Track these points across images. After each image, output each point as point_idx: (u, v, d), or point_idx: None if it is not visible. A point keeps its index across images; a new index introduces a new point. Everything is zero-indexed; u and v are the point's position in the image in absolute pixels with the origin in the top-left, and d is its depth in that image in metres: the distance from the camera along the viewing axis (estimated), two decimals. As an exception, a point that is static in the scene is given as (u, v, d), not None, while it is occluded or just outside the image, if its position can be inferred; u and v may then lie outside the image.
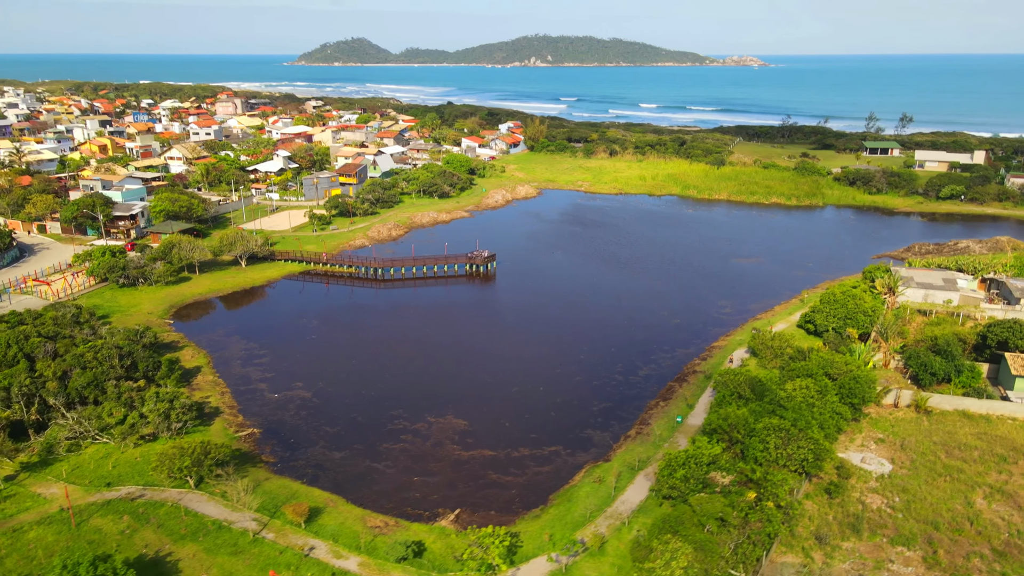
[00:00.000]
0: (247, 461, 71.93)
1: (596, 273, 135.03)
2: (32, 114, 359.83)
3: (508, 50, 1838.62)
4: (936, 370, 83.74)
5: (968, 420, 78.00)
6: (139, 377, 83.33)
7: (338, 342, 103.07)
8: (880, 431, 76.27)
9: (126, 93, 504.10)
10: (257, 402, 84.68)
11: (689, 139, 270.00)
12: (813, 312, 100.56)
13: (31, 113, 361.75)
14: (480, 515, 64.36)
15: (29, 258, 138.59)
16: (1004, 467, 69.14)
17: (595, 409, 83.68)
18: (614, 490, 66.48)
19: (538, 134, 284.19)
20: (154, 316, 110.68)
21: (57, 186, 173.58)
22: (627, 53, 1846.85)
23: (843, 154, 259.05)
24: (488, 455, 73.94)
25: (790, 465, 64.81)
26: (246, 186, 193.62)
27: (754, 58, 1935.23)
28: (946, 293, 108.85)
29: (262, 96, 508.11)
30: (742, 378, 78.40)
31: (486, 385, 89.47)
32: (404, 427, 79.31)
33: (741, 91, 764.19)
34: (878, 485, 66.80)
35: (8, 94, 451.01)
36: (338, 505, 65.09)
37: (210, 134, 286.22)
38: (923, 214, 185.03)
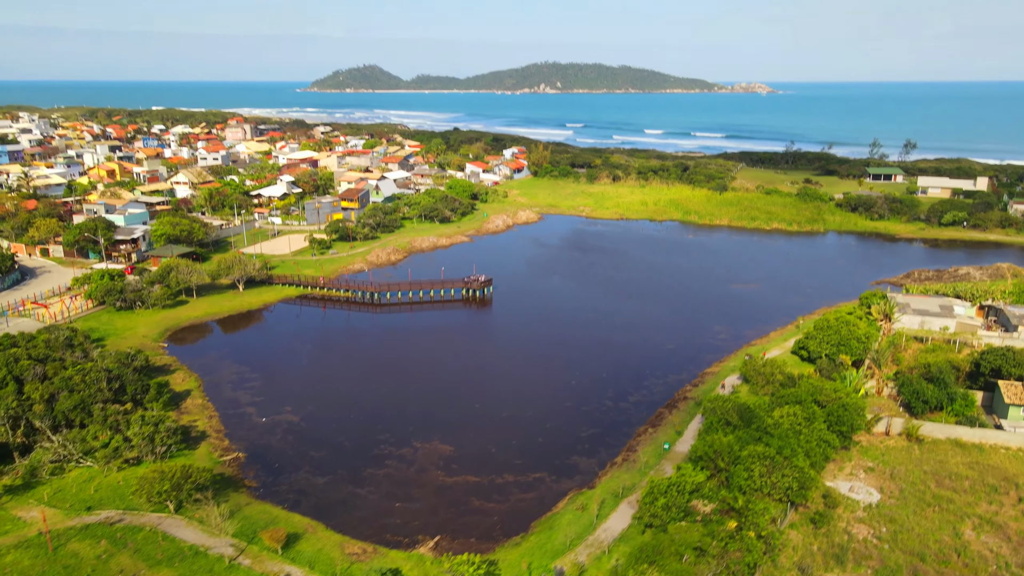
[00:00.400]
0: (230, 486, 71.64)
1: (593, 298, 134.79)
2: (45, 139, 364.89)
3: (518, 77, 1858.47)
4: (928, 398, 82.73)
5: (960, 449, 76.89)
6: (127, 400, 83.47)
7: (330, 366, 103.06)
8: (870, 459, 75.26)
9: (138, 119, 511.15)
10: (244, 426, 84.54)
11: (692, 165, 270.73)
12: (807, 338, 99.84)
13: (43, 138, 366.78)
14: (460, 542, 63.72)
15: (30, 281, 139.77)
16: (995, 497, 67.97)
17: (583, 435, 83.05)
18: (596, 518, 65.70)
19: (542, 160, 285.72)
20: (149, 339, 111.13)
21: (62, 210, 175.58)
22: (636, 80, 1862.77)
23: (846, 180, 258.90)
24: (472, 481, 73.38)
25: (774, 494, 63.93)
26: (249, 210, 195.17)
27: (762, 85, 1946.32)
28: (942, 320, 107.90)
29: (272, 122, 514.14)
30: (730, 405, 77.71)
31: (475, 410, 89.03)
32: (389, 452, 78.93)
33: (748, 117, 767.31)
34: (865, 515, 65.75)
35: (23, 119, 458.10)
36: (317, 531, 64.62)
37: (217, 159, 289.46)
38: (925, 240, 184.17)
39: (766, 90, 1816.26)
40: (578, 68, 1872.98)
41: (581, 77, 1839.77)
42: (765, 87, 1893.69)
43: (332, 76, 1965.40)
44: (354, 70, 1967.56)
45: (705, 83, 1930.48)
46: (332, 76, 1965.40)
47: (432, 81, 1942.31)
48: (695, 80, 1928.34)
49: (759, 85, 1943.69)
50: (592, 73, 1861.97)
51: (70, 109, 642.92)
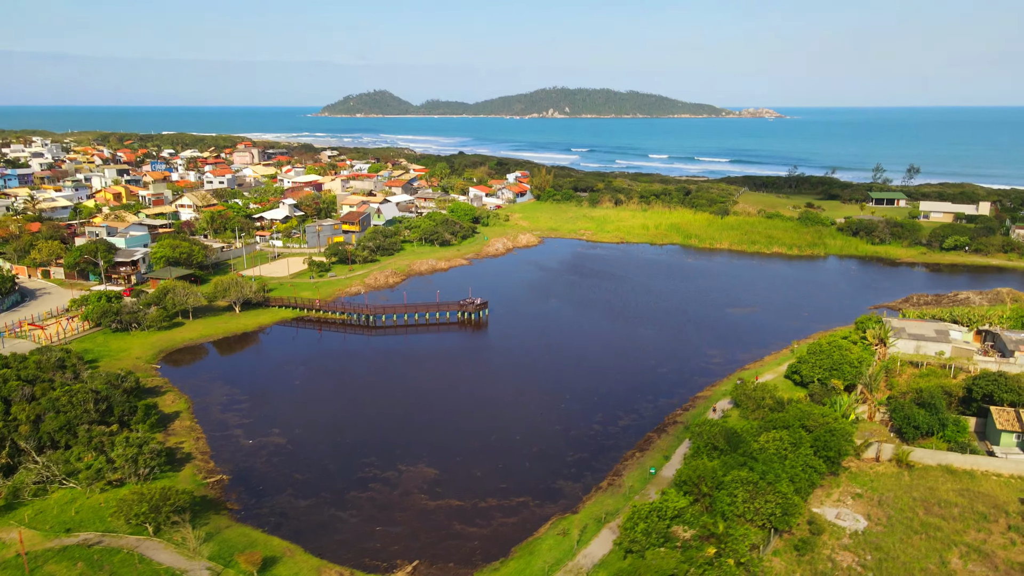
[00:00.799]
0: (211, 508, 71.35)
1: (588, 322, 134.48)
2: (55, 163, 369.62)
3: (526, 102, 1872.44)
4: (919, 423, 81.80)
5: (951, 476, 75.80)
6: (114, 422, 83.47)
7: (321, 389, 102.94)
8: (858, 486, 74.27)
9: (149, 143, 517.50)
10: (230, 448, 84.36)
11: (694, 189, 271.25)
12: (800, 363, 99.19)
13: (54, 162, 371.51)
14: (438, 567, 63.09)
15: (30, 302, 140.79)
16: (984, 525, 66.84)
17: (569, 459, 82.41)
18: (577, 543, 64.96)
19: (544, 183, 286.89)
20: (142, 361, 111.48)
21: (65, 232, 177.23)
22: (643, 105, 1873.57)
23: (848, 204, 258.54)
24: (455, 505, 72.80)
25: (757, 520, 63.10)
26: (250, 233, 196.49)
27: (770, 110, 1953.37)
28: (938, 345, 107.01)
29: (280, 146, 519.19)
30: (717, 429, 77.00)
31: (463, 433, 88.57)
32: (374, 475, 78.51)
33: (754, 142, 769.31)
34: (851, 542, 64.75)
35: (35, 144, 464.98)
36: (295, 555, 64.14)
37: (223, 183, 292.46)
38: (926, 265, 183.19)
39: (773, 115, 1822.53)
40: (586, 93, 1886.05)
41: (589, 102, 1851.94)
42: (773, 112, 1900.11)
43: (343, 101, 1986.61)
44: (365, 95, 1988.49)
45: (713, 108, 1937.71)
46: (343, 101, 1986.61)
47: (441, 106, 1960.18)
48: (703, 105, 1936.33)
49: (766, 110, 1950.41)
50: (600, 98, 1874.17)
51: (83, 134, 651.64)
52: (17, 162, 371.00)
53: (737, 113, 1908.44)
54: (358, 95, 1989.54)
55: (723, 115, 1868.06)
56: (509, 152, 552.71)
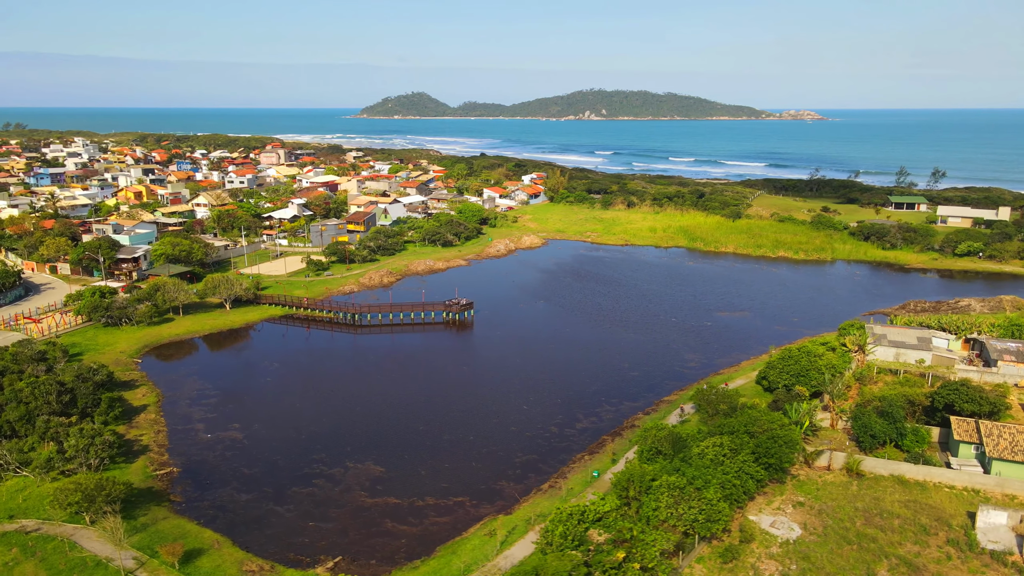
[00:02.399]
0: (154, 499, 72.92)
1: (572, 325, 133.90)
2: (89, 163, 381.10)
3: (563, 104, 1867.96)
4: (876, 432, 79.69)
5: (902, 486, 73.75)
6: (75, 413, 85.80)
7: (290, 385, 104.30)
8: (803, 494, 72.72)
9: (184, 144, 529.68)
10: (188, 442, 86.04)
11: (708, 191, 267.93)
12: (768, 368, 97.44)
13: (88, 162, 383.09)
14: (359, 564, 63.53)
15: (33, 296, 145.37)
16: (922, 538, 64.92)
17: (517, 461, 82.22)
18: (502, 544, 64.83)
19: (558, 185, 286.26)
20: (125, 355, 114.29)
21: (79, 230, 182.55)
22: (681, 107, 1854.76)
23: (866, 208, 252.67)
24: (392, 503, 73.22)
25: (679, 525, 62.24)
26: (257, 232, 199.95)
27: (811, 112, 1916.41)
28: (918, 352, 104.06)
29: (310, 147, 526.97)
30: (663, 433, 76.16)
31: (418, 433, 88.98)
32: (320, 471, 79.35)
33: (788, 145, 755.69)
34: (780, 551, 63.47)
35: (75, 144, 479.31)
36: (223, 548, 65.14)
37: (243, 182, 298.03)
38: (936, 271, 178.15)
39: (815, 117, 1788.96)
40: (623, 95, 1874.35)
41: (626, 104, 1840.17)
42: (814, 114, 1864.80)
43: (381, 103, 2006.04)
44: (403, 97, 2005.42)
45: (752, 110, 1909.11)
46: (381, 103, 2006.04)
47: (478, 108, 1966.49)
48: (742, 107, 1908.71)
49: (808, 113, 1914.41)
50: (637, 100, 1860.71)
51: (124, 134, 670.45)
52: (55, 161, 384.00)
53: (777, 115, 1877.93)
54: (396, 97, 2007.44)
55: (763, 117, 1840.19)
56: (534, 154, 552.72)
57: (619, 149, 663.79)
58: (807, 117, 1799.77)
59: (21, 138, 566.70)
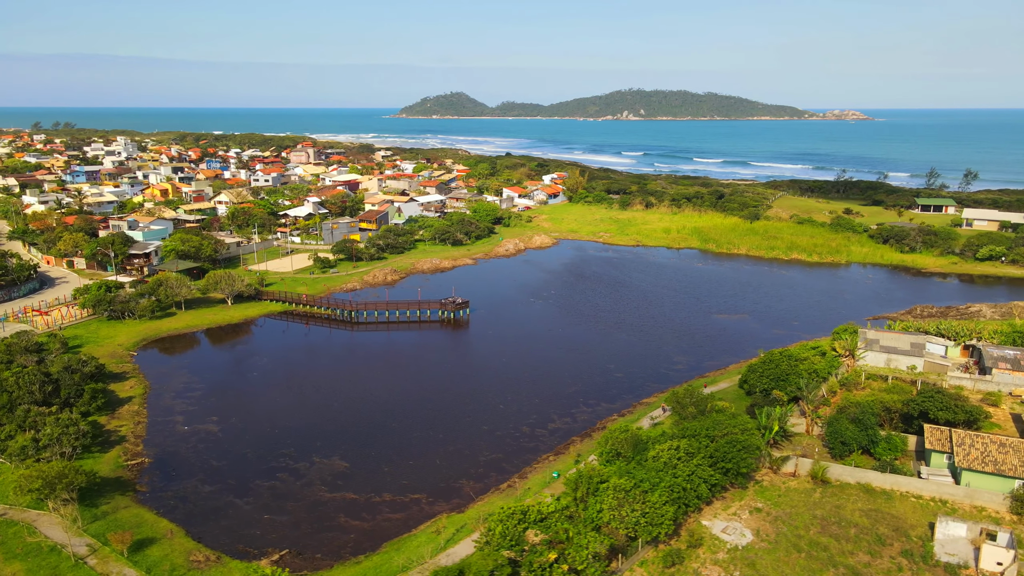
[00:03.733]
0: (119, 488, 74.75)
1: (568, 324, 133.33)
2: (126, 161, 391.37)
3: (601, 104, 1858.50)
4: (847, 439, 77.81)
5: (867, 494, 71.92)
6: (58, 403, 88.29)
7: (275, 380, 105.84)
8: (763, 500, 71.38)
9: (219, 143, 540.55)
10: (165, 433, 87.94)
11: (729, 192, 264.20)
12: (749, 372, 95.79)
13: (125, 160, 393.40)
14: (304, 558, 64.29)
15: (47, 290, 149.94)
16: (876, 548, 63.20)
17: (482, 460, 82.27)
18: (445, 543, 65.02)
19: (577, 185, 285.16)
20: (122, 348, 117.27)
21: (99, 226, 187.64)
22: (721, 107, 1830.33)
23: (891, 210, 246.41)
24: (349, 498, 73.90)
25: (621, 528, 61.62)
26: (271, 229, 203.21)
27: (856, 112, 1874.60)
28: (910, 359, 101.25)
29: (341, 146, 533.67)
30: (623, 435, 75.51)
31: (389, 429, 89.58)
32: (286, 465, 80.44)
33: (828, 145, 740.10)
34: (726, 557, 62.43)
35: (117, 143, 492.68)
36: (175, 537, 66.48)
37: (268, 181, 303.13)
38: (954, 275, 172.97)
39: (859, 117, 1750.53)
40: (662, 95, 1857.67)
41: (665, 104, 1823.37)
42: (858, 114, 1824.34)
43: (420, 103, 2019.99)
44: (441, 97, 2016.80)
45: (795, 110, 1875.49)
46: (420, 103, 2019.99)
47: (516, 108, 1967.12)
48: (783, 107, 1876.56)
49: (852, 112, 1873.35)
50: (676, 100, 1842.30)
51: (165, 133, 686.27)
52: (94, 160, 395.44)
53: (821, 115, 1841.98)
54: (435, 97, 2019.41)
55: (805, 117, 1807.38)
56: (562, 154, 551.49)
57: (649, 149, 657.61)
58: (851, 117, 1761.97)
59: (67, 137, 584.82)
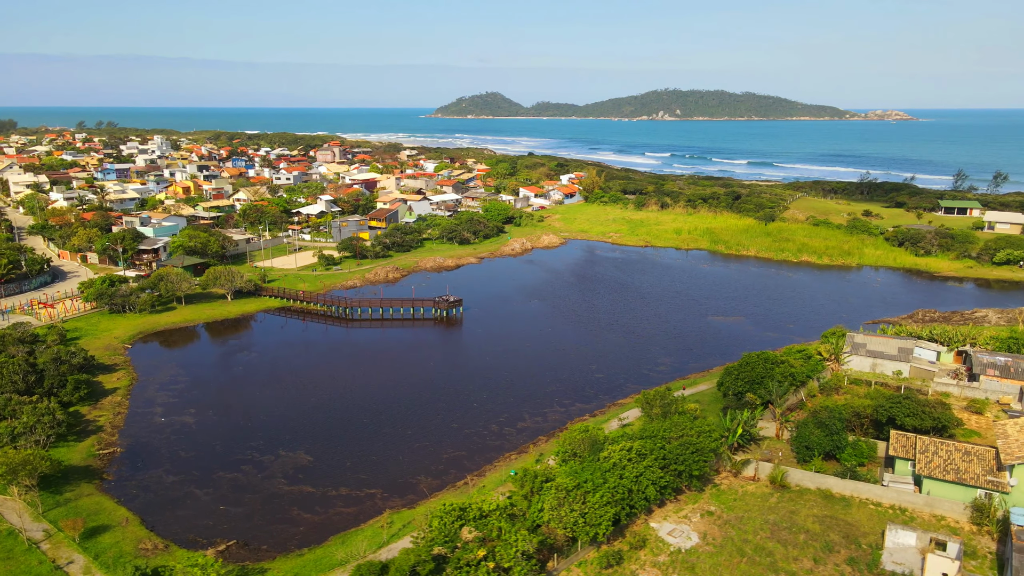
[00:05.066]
0: (86, 477, 76.68)
1: (560, 324, 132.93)
2: (158, 160, 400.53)
3: (636, 104, 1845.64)
4: (812, 444, 76.35)
5: (825, 501, 70.51)
6: (42, 393, 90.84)
7: (259, 375, 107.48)
8: (717, 503, 70.44)
9: (251, 143, 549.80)
10: (141, 424, 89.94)
11: (746, 193, 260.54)
12: (725, 375, 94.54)
13: (156, 159, 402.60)
14: (250, 548, 65.26)
15: (58, 283, 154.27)
16: (823, 555, 61.93)
17: (444, 457, 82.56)
18: (390, 537, 65.43)
19: (593, 185, 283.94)
20: (118, 340, 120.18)
21: (115, 222, 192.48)
22: (760, 107, 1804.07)
23: (912, 212, 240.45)
24: (306, 491, 74.80)
25: (558, 528, 61.41)
26: (283, 226, 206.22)
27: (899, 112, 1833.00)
28: (896, 364, 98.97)
29: (368, 145, 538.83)
30: (581, 436, 75.18)
31: (360, 424, 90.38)
32: (251, 458, 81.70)
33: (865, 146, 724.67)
34: (667, 560, 61.77)
35: (153, 141, 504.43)
36: (130, 525, 67.99)
37: (289, 179, 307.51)
38: (969, 279, 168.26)
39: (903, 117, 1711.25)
40: (699, 95, 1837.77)
41: (702, 104, 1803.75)
42: (902, 114, 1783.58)
43: (455, 103, 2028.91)
44: (476, 97, 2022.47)
45: (836, 110, 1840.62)
46: (455, 103, 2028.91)
47: (551, 108, 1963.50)
48: (824, 107, 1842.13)
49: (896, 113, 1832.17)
50: (713, 100, 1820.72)
51: (201, 132, 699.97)
52: (128, 158, 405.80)
53: (863, 115, 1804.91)
54: (470, 97, 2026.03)
55: (847, 117, 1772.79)
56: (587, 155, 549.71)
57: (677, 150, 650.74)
58: (894, 117, 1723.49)
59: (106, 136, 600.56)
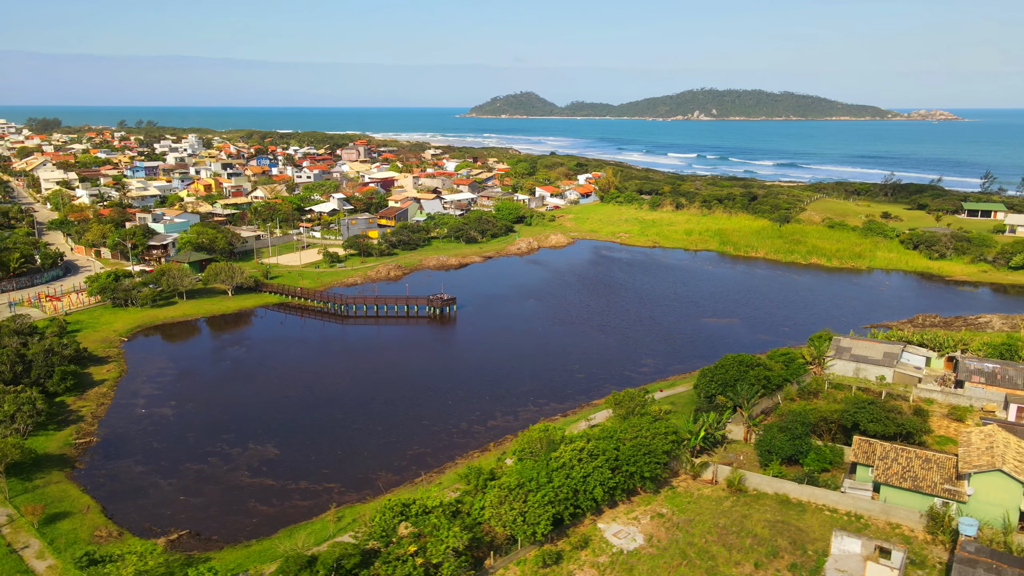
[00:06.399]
0: (58, 465, 78.91)
1: (552, 324, 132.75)
2: (188, 158, 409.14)
3: (672, 104, 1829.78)
4: (774, 448, 75.23)
5: (781, 505, 69.47)
6: (28, 383, 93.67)
7: (245, 369, 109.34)
8: (670, 506, 69.86)
9: (282, 141, 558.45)
10: (122, 415, 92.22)
11: (762, 194, 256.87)
12: (700, 377, 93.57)
13: (187, 157, 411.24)
14: (200, 539, 66.55)
15: (70, 277, 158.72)
16: (766, 561, 61.05)
17: (409, 453, 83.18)
18: (336, 531, 66.21)
19: (609, 185, 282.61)
20: (116, 334, 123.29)
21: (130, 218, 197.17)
22: (798, 107, 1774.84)
23: (934, 215, 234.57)
24: (267, 484, 76.02)
25: (497, 526, 61.57)
26: (294, 224, 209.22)
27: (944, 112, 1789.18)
28: (880, 368, 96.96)
29: (397, 144, 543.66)
30: (540, 435, 75.17)
31: (333, 420, 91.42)
32: (221, 450, 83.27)
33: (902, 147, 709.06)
34: (606, 561, 61.50)
35: (187, 140, 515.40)
36: (91, 513, 69.77)
37: (310, 177, 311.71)
38: (983, 284, 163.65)
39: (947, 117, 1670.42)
40: (736, 95, 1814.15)
41: (739, 104, 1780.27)
42: (947, 114, 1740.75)
43: (490, 102, 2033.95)
44: (511, 97, 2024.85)
45: (877, 110, 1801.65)
46: (490, 102, 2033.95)
47: (585, 108, 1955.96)
48: (865, 107, 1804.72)
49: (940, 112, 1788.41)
50: (751, 100, 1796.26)
51: (235, 131, 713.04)
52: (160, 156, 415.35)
53: (906, 115, 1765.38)
54: (504, 97, 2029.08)
55: (888, 117, 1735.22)
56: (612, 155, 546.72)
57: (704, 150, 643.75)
58: (938, 117, 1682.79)
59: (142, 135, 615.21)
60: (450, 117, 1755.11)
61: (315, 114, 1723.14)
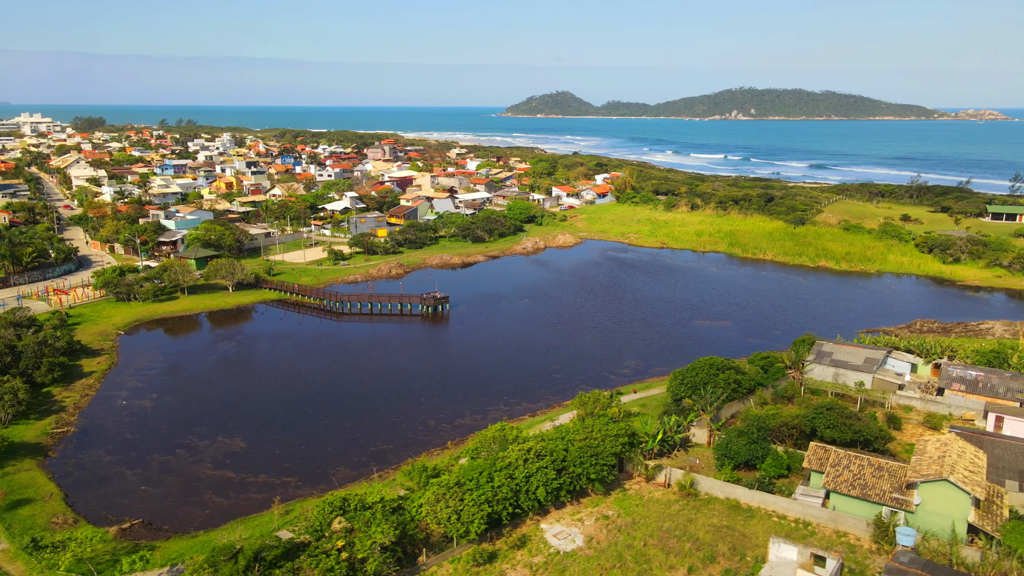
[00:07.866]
0: (31, 453, 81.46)
1: (542, 324, 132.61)
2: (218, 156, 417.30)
3: (709, 103, 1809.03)
4: (733, 453, 74.34)
5: (731, 511, 68.61)
6: (16, 373, 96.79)
7: (232, 364, 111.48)
8: (617, 508, 69.49)
9: (313, 140, 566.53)
10: (102, 407, 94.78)
11: (780, 195, 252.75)
12: (672, 380, 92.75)
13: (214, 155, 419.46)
14: (152, 528, 68.18)
15: (82, 271, 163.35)
16: (700, 566, 60.38)
17: (371, 450, 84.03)
18: (281, 524, 67.20)
19: (625, 185, 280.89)
20: (114, 327, 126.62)
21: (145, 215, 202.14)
22: (840, 107, 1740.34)
23: (954, 217, 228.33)
24: (227, 476, 77.51)
25: (432, 524, 62.02)
26: (306, 221, 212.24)
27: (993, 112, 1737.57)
28: (859, 374, 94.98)
29: (425, 143, 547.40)
30: (493, 435, 75.45)
31: (304, 415, 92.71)
32: (190, 443, 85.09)
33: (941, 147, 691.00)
34: (540, 561, 61.47)
35: (221, 139, 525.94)
36: (52, 500, 71.95)
37: (331, 176, 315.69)
38: (997, 290, 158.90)
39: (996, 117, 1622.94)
40: (775, 94, 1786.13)
41: (778, 103, 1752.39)
42: (996, 114, 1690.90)
43: (525, 102, 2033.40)
44: (546, 96, 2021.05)
45: (922, 109, 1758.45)
46: (525, 102, 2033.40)
47: (622, 107, 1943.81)
48: (910, 107, 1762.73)
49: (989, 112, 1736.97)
50: (791, 99, 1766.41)
51: (269, 130, 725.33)
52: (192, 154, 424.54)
53: (952, 115, 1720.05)
54: (540, 96, 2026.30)
55: (934, 117, 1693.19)
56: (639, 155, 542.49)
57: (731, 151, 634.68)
58: (987, 117, 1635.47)
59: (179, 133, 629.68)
60: (485, 117, 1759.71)
61: (353, 113, 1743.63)
